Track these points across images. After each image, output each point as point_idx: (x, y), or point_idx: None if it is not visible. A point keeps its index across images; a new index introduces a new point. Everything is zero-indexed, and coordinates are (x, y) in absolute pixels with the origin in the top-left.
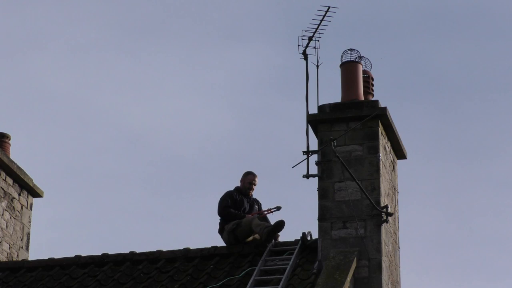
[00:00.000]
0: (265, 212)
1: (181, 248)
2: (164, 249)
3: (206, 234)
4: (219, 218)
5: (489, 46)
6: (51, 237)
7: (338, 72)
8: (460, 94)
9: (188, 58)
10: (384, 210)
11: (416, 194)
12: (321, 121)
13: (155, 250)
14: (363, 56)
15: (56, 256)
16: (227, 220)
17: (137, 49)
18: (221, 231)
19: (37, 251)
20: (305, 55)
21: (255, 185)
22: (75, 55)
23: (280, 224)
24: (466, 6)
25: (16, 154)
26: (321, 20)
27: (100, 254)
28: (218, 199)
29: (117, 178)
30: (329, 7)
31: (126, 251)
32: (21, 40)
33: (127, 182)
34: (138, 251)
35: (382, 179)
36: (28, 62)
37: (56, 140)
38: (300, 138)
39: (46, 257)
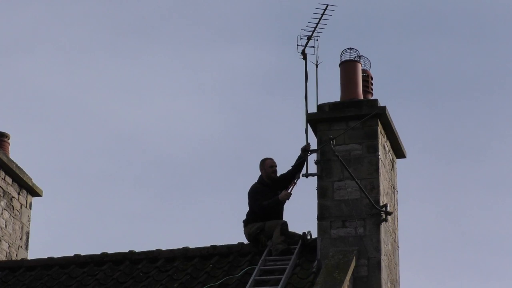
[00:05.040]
0: (292, 187)
1: (180, 247)
2: (163, 249)
3: (205, 233)
4: (249, 209)
5: (488, 46)
6: (50, 236)
7: (337, 71)
8: (459, 94)
9: (182, 58)
10: (383, 209)
11: (416, 193)
12: (320, 120)
13: (154, 249)
14: (362, 55)
15: (56, 256)
16: (262, 213)
17: (130, 50)
18: (246, 224)
19: (37, 251)
20: (304, 55)
21: (276, 166)
22: (70, 57)
23: (287, 250)
24: (468, 5)
25: (16, 153)
26: (320, 19)
27: (99, 253)
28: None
29: (115, 178)
30: (327, 5)
31: (125, 250)
32: (18, 41)
33: (125, 182)
34: (137, 250)
35: (381, 178)
36: (26, 63)
37: (54, 140)
38: (298, 137)
39: (45, 256)
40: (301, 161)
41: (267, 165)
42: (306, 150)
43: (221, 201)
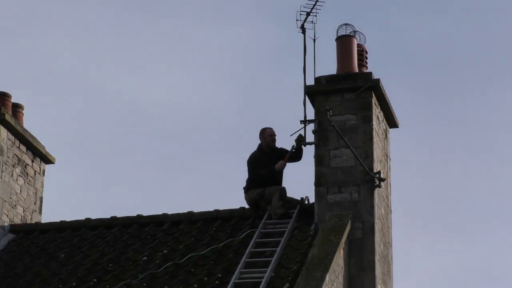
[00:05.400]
0: (287, 157)
1: (185, 211)
2: (169, 213)
3: (208, 199)
4: (249, 176)
5: (477, 22)
6: (62, 201)
7: (334, 46)
8: (449, 68)
9: (186, 34)
10: (377, 175)
11: (408, 160)
12: (318, 92)
13: (160, 213)
14: (357, 31)
15: (68, 219)
16: (260, 181)
17: (137, 27)
18: (246, 191)
19: (50, 214)
20: (303, 30)
21: (275, 135)
22: (79, 33)
23: (286, 214)
24: None
25: (30, 123)
26: None
27: (109, 217)
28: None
29: (123, 147)
30: None
31: (134, 214)
32: (32, 20)
33: (132, 150)
34: (144, 214)
35: (375, 146)
36: (39, 40)
37: (66, 111)
38: (297, 108)
39: (58, 220)
40: (296, 149)
41: (267, 134)
42: (299, 141)
43: (223, 168)
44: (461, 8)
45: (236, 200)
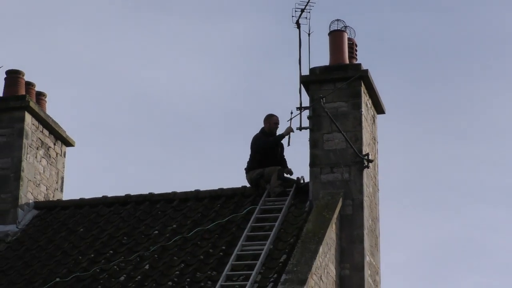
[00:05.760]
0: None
1: (193, 190)
2: (178, 191)
3: (213, 178)
4: (250, 157)
5: (455, 19)
6: (81, 180)
7: (326, 40)
8: (432, 59)
9: (193, 28)
10: (366, 157)
11: (393, 143)
12: (312, 81)
13: (170, 191)
14: (348, 26)
15: (86, 197)
16: (271, 147)
17: (150, 21)
18: (247, 171)
19: (70, 192)
20: (298, 25)
21: (279, 124)
22: (97, 26)
23: (284, 192)
24: None
25: (52, 110)
26: None
27: (123, 195)
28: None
29: (136, 130)
30: None
31: (146, 192)
32: (56, 14)
33: (145, 133)
34: (156, 192)
35: (364, 131)
36: (60, 33)
37: (85, 98)
38: (293, 96)
39: (77, 198)
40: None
41: (273, 121)
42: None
43: (227, 150)
44: (441, 6)
45: (238, 179)
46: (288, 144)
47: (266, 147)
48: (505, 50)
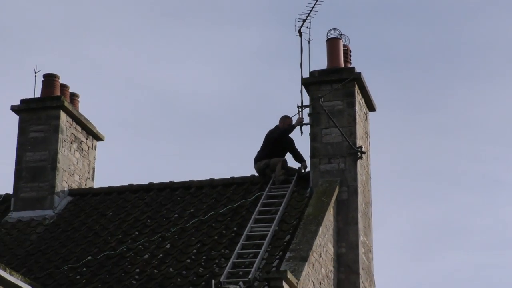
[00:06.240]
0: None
1: (208, 178)
2: (195, 179)
3: (226, 168)
4: (261, 148)
5: (437, 27)
6: (110, 170)
7: (324, 46)
8: (418, 62)
9: (206, 35)
10: (359, 149)
11: (384, 137)
12: (312, 83)
13: (188, 180)
14: (343, 34)
15: (114, 185)
16: (275, 145)
17: (169, 30)
18: (256, 161)
19: (100, 181)
20: (300, 33)
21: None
22: (124, 35)
23: (287, 180)
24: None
25: (84, 108)
26: (312, 7)
27: (147, 183)
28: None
29: (158, 126)
30: None
31: (167, 181)
32: (88, 24)
33: (166, 129)
34: (175, 180)
35: (357, 126)
36: (90, 40)
37: (113, 97)
38: (295, 96)
39: (106, 185)
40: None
41: (287, 122)
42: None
43: (236, 143)
44: (425, 17)
45: (248, 169)
46: (301, 133)
47: (284, 134)
48: (483, 56)
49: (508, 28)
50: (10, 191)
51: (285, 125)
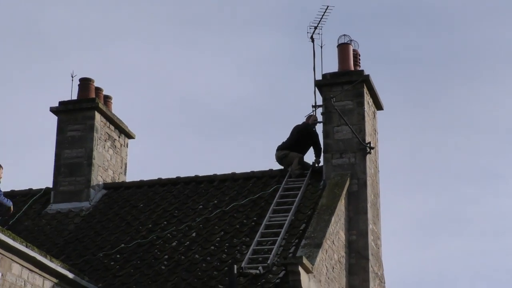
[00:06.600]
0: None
1: (230, 172)
2: (218, 173)
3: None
4: (287, 140)
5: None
6: (141, 165)
7: (335, 51)
8: (421, 67)
9: (228, 43)
10: (368, 145)
11: (390, 134)
12: (324, 84)
13: (211, 174)
14: (353, 39)
15: (145, 179)
16: (298, 139)
17: (191, 38)
18: (278, 149)
19: (131, 175)
20: (312, 39)
21: (317, 120)
22: (151, 42)
23: (302, 174)
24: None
25: (117, 109)
26: (323, 15)
27: (174, 177)
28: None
29: (184, 125)
30: (327, 6)
31: (192, 175)
32: (117, 33)
33: (191, 128)
34: (200, 174)
35: (366, 124)
36: (120, 49)
37: (143, 99)
38: (309, 96)
39: (137, 179)
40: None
41: (313, 119)
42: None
43: (256, 140)
44: (428, 23)
45: (266, 164)
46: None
47: (307, 129)
48: (482, 59)
49: (502, 34)
50: (50, 185)
51: (311, 122)
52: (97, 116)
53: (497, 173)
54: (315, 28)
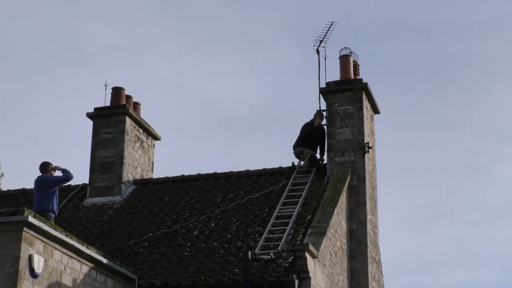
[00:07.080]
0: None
1: (244, 169)
2: (234, 170)
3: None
4: (298, 137)
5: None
6: (166, 164)
7: (337, 62)
8: (415, 75)
9: (242, 55)
10: (367, 145)
11: (386, 134)
12: (328, 91)
13: (228, 171)
14: (353, 51)
15: (169, 175)
16: (308, 136)
17: (210, 52)
18: (294, 147)
19: (158, 172)
20: (317, 52)
21: (323, 120)
22: (177, 55)
23: (309, 170)
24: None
25: (144, 114)
26: (327, 30)
27: (196, 174)
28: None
29: (204, 128)
30: (332, 22)
31: (211, 172)
32: (148, 44)
33: (210, 130)
34: (218, 171)
35: (365, 126)
36: (148, 58)
37: (168, 105)
38: (314, 102)
39: (163, 176)
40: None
41: (320, 119)
42: (314, 160)
43: (267, 140)
44: (421, 35)
45: (277, 161)
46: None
47: (315, 130)
48: (470, 68)
49: (486, 46)
50: (86, 181)
51: (317, 122)
52: (128, 120)
53: (484, 168)
54: (321, 41)
